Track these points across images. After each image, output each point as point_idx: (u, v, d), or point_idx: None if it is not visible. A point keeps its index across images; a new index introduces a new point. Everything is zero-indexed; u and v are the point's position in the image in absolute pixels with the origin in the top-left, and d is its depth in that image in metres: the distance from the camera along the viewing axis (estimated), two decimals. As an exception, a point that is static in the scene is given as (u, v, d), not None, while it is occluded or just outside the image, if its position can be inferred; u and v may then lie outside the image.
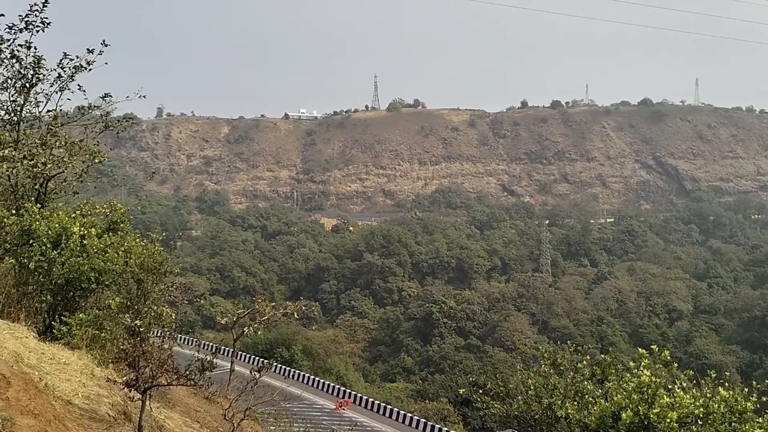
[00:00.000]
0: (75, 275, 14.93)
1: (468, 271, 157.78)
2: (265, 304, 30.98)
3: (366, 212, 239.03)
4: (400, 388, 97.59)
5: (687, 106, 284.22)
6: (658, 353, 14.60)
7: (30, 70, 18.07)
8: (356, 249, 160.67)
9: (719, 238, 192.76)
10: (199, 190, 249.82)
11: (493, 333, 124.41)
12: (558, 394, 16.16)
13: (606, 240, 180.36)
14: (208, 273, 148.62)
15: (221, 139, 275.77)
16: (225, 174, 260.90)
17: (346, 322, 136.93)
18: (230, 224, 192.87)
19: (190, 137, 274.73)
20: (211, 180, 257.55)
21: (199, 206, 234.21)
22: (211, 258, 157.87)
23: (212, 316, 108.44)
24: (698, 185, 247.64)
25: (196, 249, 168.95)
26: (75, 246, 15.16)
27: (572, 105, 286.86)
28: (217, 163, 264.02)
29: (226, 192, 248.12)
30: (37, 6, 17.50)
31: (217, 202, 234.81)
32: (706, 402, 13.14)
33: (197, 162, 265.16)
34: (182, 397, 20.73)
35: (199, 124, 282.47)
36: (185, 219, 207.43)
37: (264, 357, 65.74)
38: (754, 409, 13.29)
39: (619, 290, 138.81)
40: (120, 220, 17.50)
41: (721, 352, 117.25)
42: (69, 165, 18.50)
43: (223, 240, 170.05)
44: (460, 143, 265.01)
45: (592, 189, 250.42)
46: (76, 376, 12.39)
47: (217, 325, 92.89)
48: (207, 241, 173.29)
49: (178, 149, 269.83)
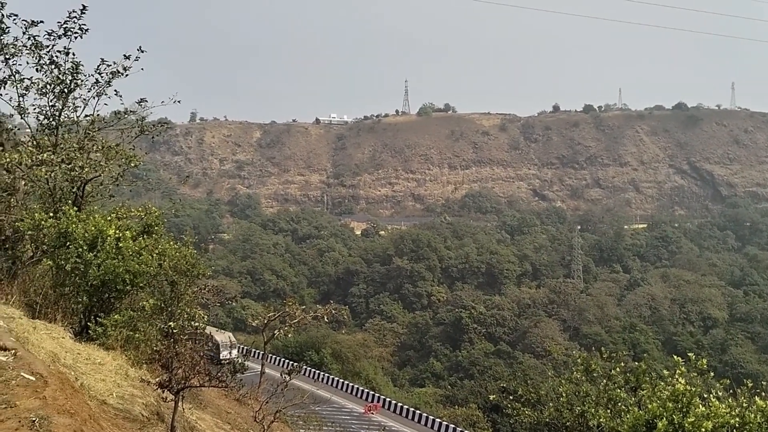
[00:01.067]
0: (110, 277, 15.18)
1: (498, 276, 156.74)
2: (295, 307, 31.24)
3: (396, 216, 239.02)
4: (429, 393, 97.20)
5: (723, 110, 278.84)
6: (695, 361, 14.35)
7: (68, 75, 18.46)
8: (385, 253, 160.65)
9: (756, 245, 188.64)
10: (231, 193, 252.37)
11: (523, 339, 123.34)
12: (590, 402, 15.97)
13: (639, 246, 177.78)
14: (240, 276, 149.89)
15: (253, 143, 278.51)
16: (257, 178, 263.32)
17: (375, 326, 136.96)
18: (261, 228, 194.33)
19: (222, 141, 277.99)
20: (243, 184, 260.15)
21: (231, 210, 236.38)
22: (243, 261, 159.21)
23: (243, 318, 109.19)
24: (734, 191, 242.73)
25: (227, 252, 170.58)
26: (110, 248, 15.41)
27: (605, 109, 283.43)
28: (249, 167, 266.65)
29: (258, 195, 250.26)
30: (75, 13, 17.88)
31: (249, 206, 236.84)
32: (742, 412, 12.88)
33: (229, 166, 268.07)
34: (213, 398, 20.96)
35: (232, 128, 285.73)
36: (217, 222, 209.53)
37: (294, 360, 65.98)
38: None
39: (652, 297, 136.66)
40: (154, 223, 17.75)
41: (758, 362, 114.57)
42: (105, 169, 18.84)
43: (254, 243, 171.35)
44: (490, 147, 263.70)
45: (625, 194, 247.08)
46: (111, 376, 12.57)
47: (248, 327, 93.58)
48: (238, 245, 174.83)
49: (210, 153, 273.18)
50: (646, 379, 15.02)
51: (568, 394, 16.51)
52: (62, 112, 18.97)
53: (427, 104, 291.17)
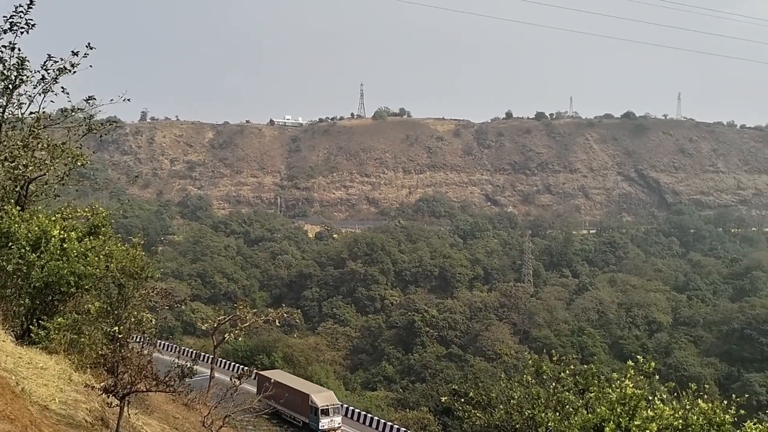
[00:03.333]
0: (54, 279, 14.77)
1: (451, 280, 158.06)
2: (246, 310, 30.91)
3: (350, 220, 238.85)
4: (380, 396, 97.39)
5: (669, 120, 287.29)
6: (643, 363, 14.70)
7: (13, 71, 17.88)
8: (339, 256, 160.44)
9: (699, 251, 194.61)
10: (182, 194, 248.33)
11: (474, 342, 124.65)
12: (540, 405, 16.20)
13: (588, 251, 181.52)
14: (190, 278, 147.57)
15: (205, 144, 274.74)
16: (208, 179, 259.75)
17: (327, 330, 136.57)
18: (213, 230, 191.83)
19: (174, 141, 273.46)
20: (194, 185, 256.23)
21: (182, 211, 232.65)
22: (193, 263, 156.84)
23: (193, 322, 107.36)
24: (679, 198, 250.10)
25: (177, 254, 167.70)
26: (55, 249, 15.00)
27: (556, 117, 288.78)
28: (200, 167, 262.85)
29: (209, 197, 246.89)
30: (22, 8, 17.34)
31: (200, 207, 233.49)
32: (686, 414, 13.24)
33: (181, 166, 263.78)
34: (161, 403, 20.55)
35: (184, 128, 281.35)
36: (167, 224, 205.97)
37: (244, 364, 65.41)
38: (731, 421, 13.41)
39: (600, 301, 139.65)
40: (101, 223, 17.35)
41: (700, 364, 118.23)
42: (51, 168, 18.33)
43: (205, 245, 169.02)
44: (444, 152, 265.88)
45: (574, 200, 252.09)
46: (54, 381, 12.23)
47: (198, 331, 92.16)
48: (189, 247, 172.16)
49: (161, 153, 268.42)
50: (594, 382, 15.33)
51: (518, 396, 16.73)
52: (6, 109, 18.37)
53: (382, 108, 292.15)
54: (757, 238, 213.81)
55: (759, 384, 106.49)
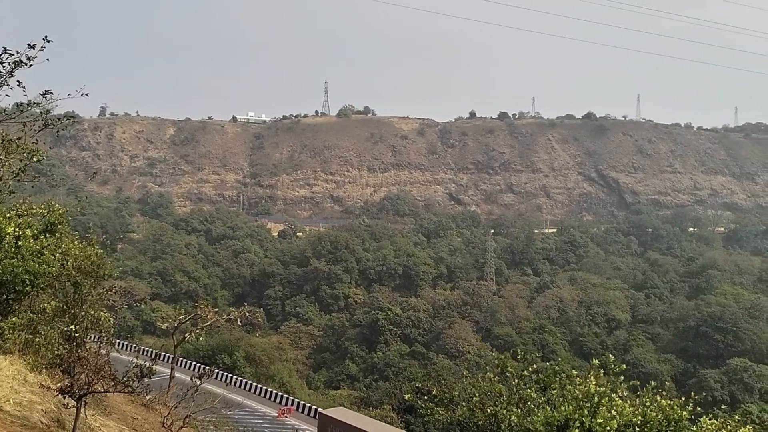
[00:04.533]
0: (8, 277, 14.40)
1: (414, 278, 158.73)
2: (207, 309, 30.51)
3: (314, 218, 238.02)
4: (343, 395, 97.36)
5: (629, 121, 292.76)
6: (612, 363, 14.93)
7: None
8: (303, 255, 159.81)
9: (657, 250, 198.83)
10: (141, 191, 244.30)
11: (437, 340, 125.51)
12: (502, 402, 16.33)
13: (549, 250, 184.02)
14: (149, 277, 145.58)
15: (166, 140, 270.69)
16: (169, 176, 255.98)
17: (290, 329, 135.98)
18: (173, 227, 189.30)
19: (133, 138, 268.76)
20: (154, 182, 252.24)
21: (142, 208, 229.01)
22: (153, 262, 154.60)
23: (152, 321, 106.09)
24: (638, 198, 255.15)
25: (137, 252, 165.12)
26: (9, 247, 14.62)
27: (519, 117, 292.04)
28: (161, 164, 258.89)
29: (170, 194, 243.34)
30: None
31: (161, 205, 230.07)
32: (644, 411, 13.49)
33: (141, 163, 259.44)
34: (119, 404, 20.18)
35: (144, 124, 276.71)
36: (127, 221, 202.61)
37: (205, 364, 64.70)
38: (688, 417, 13.71)
39: (560, 299, 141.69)
40: (58, 221, 16.96)
41: (657, 361, 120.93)
42: (5, 163, 17.82)
43: (165, 243, 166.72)
44: (409, 151, 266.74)
45: (536, 200, 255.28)
46: (8, 382, 11.93)
47: (158, 330, 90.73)
48: (149, 245, 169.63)
49: (121, 150, 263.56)
50: (556, 380, 15.51)
51: (480, 394, 16.84)
52: (-42, 103, 17.78)
53: (346, 106, 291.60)
54: (712, 238, 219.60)
55: (714, 380, 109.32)
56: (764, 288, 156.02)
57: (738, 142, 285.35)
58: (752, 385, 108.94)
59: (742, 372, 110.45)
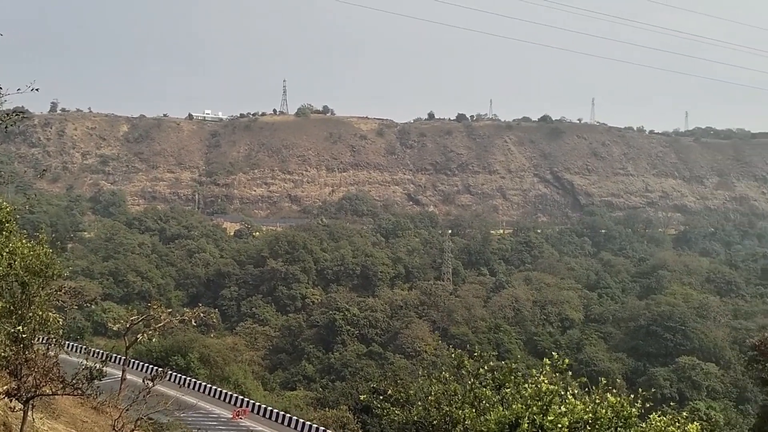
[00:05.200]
0: (-50, 277, 13.89)
1: (372, 278, 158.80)
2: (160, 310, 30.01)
3: (271, 217, 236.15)
4: (300, 396, 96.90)
5: (583, 124, 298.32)
6: (557, 360, 15.14)
7: None
8: (259, 255, 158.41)
9: (609, 251, 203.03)
10: (93, 189, 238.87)
11: (395, 340, 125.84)
12: (457, 401, 16.44)
13: (505, 250, 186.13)
14: (101, 277, 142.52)
15: (120, 137, 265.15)
16: (122, 174, 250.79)
17: (246, 330, 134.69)
18: (126, 226, 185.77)
19: (86, 134, 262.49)
20: (107, 180, 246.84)
21: (94, 207, 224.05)
22: (105, 261, 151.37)
23: (104, 322, 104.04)
24: (592, 200, 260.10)
25: (88, 251, 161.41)
26: (-49, 245, 14.10)
27: (476, 119, 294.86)
28: (114, 162, 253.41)
29: (123, 193, 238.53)
30: None
31: (113, 203, 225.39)
32: (595, 408, 13.73)
33: (93, 160, 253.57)
34: (68, 407, 19.69)
35: (97, 120, 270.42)
36: (78, 220, 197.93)
37: (158, 365, 63.66)
38: (638, 414, 14.01)
39: (515, 299, 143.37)
40: (5, 219, 16.46)
41: (609, 360, 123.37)
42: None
43: (118, 243, 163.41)
44: (368, 151, 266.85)
45: (493, 201, 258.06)
46: (-52, 386, 11.49)
47: (109, 331, 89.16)
48: (100, 244, 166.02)
49: (72, 146, 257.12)
50: (510, 378, 15.68)
51: (436, 393, 16.92)
52: None
53: (305, 105, 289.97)
54: (662, 239, 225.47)
55: (663, 378, 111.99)
56: (712, 288, 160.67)
57: (688, 146, 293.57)
58: (700, 382, 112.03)
59: (690, 370, 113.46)
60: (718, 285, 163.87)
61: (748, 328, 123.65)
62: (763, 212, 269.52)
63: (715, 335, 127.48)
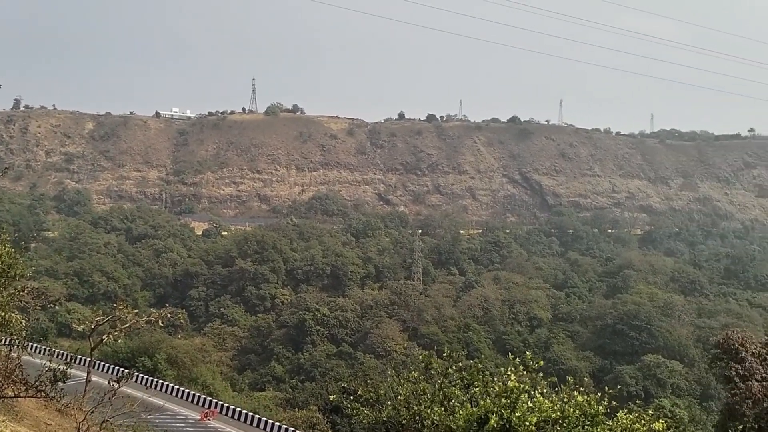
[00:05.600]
0: None
1: (342, 278, 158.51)
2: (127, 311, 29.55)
3: (240, 217, 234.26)
4: (269, 396, 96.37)
5: (551, 125, 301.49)
6: (530, 360, 15.27)
7: None
8: (228, 254, 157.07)
9: (577, 251, 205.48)
10: (58, 188, 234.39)
11: (365, 340, 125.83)
12: (426, 400, 16.47)
13: (474, 250, 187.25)
14: (65, 277, 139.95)
15: (85, 135, 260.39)
16: (88, 172, 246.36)
17: (214, 330, 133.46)
18: (92, 226, 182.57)
19: (50, 132, 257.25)
20: (72, 178, 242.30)
21: (58, 206, 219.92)
22: (69, 261, 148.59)
23: (68, 323, 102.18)
24: (559, 200, 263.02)
25: (52, 251, 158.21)
26: None
27: (446, 119, 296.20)
28: (79, 160, 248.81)
29: (89, 191, 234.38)
30: None
31: (78, 202, 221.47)
32: (563, 406, 13.88)
33: (57, 158, 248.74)
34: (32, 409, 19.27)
35: (61, 118, 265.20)
36: (41, 219, 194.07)
37: (124, 367, 62.72)
38: (605, 412, 14.19)
39: (485, 298, 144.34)
40: (-36, 217, 16.03)
41: (576, 358, 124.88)
42: None
43: (83, 242, 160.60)
44: (338, 151, 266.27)
45: (462, 201, 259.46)
46: None
47: (74, 332, 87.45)
48: (65, 243, 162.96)
49: (36, 144, 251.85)
50: (479, 377, 15.77)
51: (405, 392, 16.93)
52: None
53: (275, 104, 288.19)
54: (628, 239, 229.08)
55: (629, 376, 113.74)
56: (676, 288, 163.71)
57: (653, 148, 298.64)
58: (665, 380, 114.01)
59: (656, 368, 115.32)
60: (682, 284, 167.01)
61: (712, 327, 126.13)
62: (726, 213, 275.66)
63: (680, 334, 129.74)
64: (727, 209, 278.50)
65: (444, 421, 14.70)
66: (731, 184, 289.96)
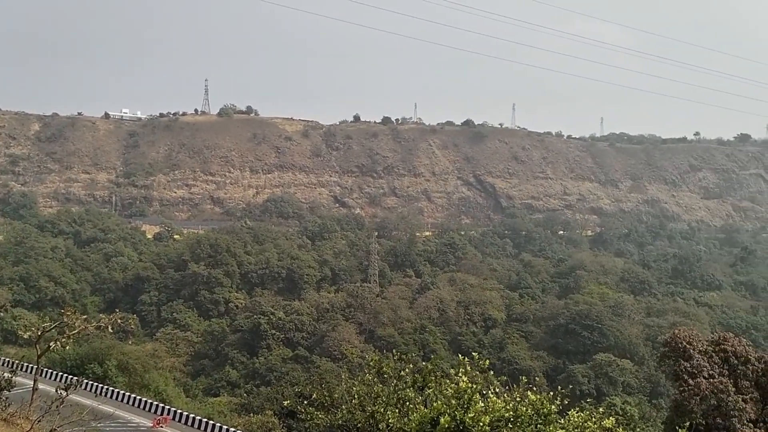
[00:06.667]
0: None
1: (298, 281, 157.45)
2: (75, 316, 28.72)
3: (192, 220, 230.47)
4: (223, 402, 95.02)
5: (505, 128, 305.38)
6: (478, 360, 15.38)
7: None
8: (180, 258, 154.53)
9: (530, 252, 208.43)
10: (2, 191, 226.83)
11: (321, 343, 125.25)
12: (381, 402, 16.44)
13: (430, 252, 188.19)
14: (11, 282, 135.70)
15: (30, 136, 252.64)
16: (34, 175, 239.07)
17: (167, 335, 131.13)
18: (38, 229, 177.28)
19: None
20: (17, 181, 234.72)
21: (2, 209, 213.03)
22: (15, 266, 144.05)
23: (14, 330, 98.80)
24: (513, 202, 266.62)
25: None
26: None
27: (402, 122, 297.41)
28: (24, 162, 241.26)
29: (35, 194, 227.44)
30: None
31: (24, 205, 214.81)
32: (516, 405, 14.02)
33: (1, 160, 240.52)
34: (-28, 421, 18.58)
35: (5, 119, 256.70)
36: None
37: (73, 374, 61.14)
38: (557, 411, 14.39)
39: (440, 300, 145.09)
40: None
41: (530, 358, 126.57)
42: None
43: (29, 247, 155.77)
44: (293, 153, 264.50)
45: (418, 203, 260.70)
46: None
47: (20, 339, 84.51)
48: (10, 248, 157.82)
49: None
50: (432, 378, 15.82)
51: (360, 395, 16.88)
52: None
53: (228, 105, 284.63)
54: (580, 240, 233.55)
55: (581, 375, 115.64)
56: (626, 287, 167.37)
57: (603, 151, 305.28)
58: (616, 378, 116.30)
59: (607, 366, 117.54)
60: (632, 284, 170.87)
61: (660, 326, 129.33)
62: (673, 214, 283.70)
63: (630, 333, 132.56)
64: (674, 211, 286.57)
65: (398, 424, 14.70)
66: (678, 187, 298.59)
